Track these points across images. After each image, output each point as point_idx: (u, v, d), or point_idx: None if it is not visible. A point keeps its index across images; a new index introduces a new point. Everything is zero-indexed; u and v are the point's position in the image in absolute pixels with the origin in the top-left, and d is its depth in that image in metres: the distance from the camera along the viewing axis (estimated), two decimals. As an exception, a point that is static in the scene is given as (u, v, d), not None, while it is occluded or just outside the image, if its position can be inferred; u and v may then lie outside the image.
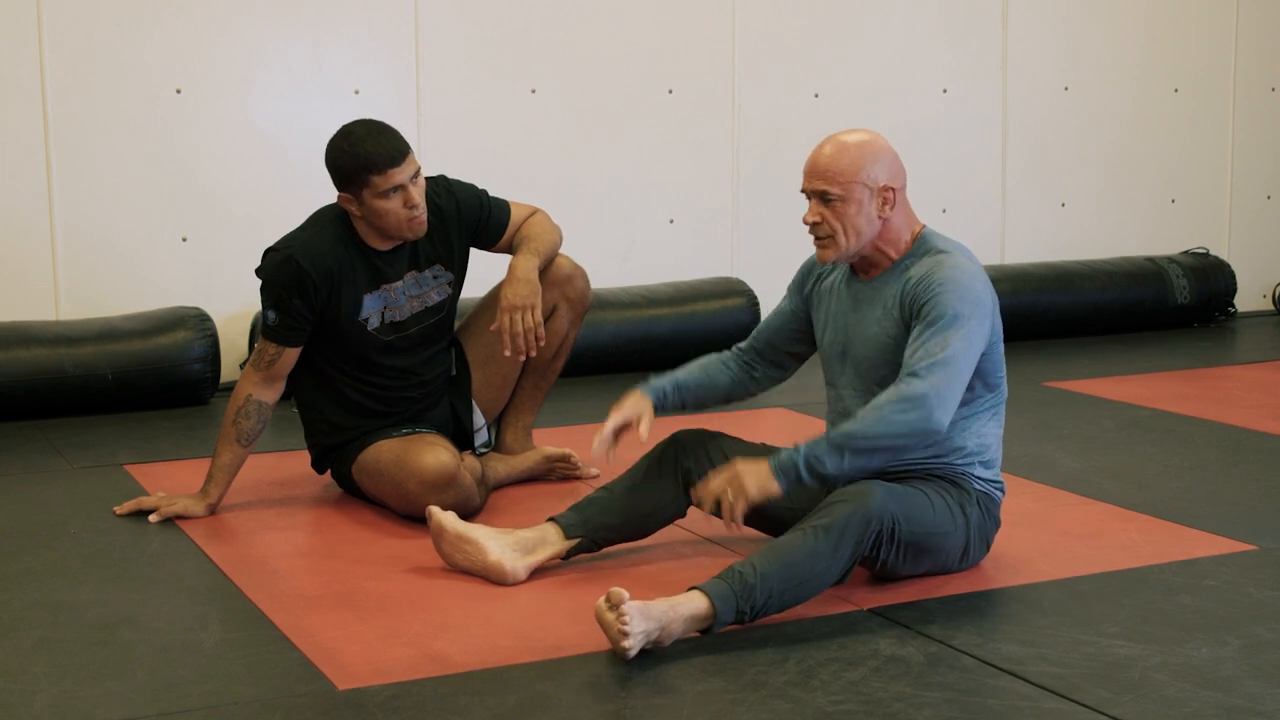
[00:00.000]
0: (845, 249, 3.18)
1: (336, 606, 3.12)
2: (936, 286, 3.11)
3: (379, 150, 3.59)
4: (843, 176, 3.13)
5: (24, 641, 2.92)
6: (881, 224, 3.18)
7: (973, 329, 3.09)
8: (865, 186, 3.14)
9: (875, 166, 3.15)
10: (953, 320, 3.07)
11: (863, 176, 3.14)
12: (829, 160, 3.15)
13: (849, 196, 3.14)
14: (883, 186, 3.16)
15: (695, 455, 3.35)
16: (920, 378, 3.02)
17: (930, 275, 3.13)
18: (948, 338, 3.05)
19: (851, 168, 3.14)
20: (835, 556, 2.94)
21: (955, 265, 3.15)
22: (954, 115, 6.41)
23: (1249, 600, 3.13)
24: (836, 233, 3.16)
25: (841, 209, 3.15)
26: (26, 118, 5.08)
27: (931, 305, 3.10)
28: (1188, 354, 6.10)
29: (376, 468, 3.73)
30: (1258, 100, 7.11)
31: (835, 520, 2.95)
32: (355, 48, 5.48)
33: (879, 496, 3.00)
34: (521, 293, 3.72)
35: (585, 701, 2.64)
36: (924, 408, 3.00)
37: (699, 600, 2.85)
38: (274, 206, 5.19)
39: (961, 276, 3.12)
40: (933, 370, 3.02)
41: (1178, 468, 4.24)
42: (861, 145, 3.17)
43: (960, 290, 3.10)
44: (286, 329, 3.69)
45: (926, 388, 3.01)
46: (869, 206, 3.15)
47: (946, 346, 3.05)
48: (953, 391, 3.04)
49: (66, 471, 4.24)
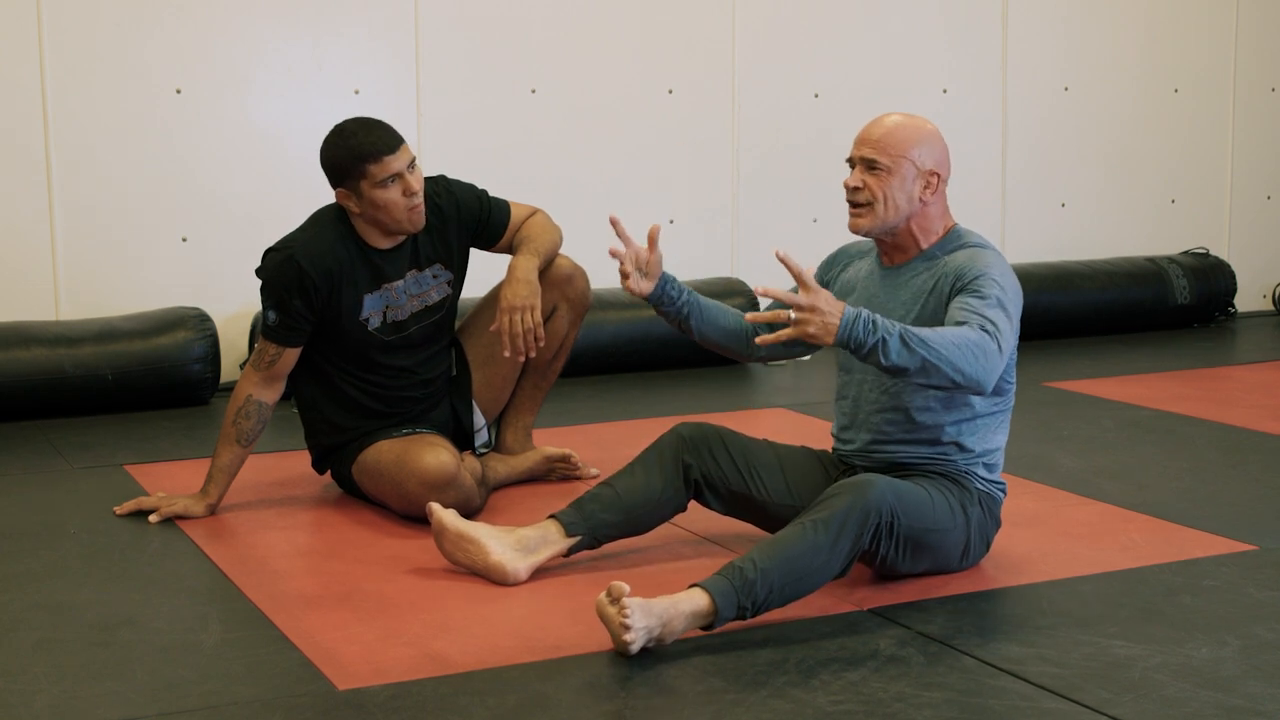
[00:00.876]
0: (880, 220, 3.21)
1: (336, 607, 3.12)
2: (983, 270, 3.12)
3: (373, 140, 3.60)
4: (894, 149, 3.19)
5: (24, 642, 2.92)
6: (921, 207, 3.22)
7: (1013, 317, 3.09)
8: (913, 164, 3.19)
9: (926, 149, 3.20)
10: (1001, 301, 3.06)
11: (912, 154, 3.19)
12: (884, 131, 3.21)
13: (895, 169, 3.19)
14: (929, 170, 3.21)
15: (697, 450, 3.35)
16: (993, 339, 2.97)
17: (974, 261, 3.15)
18: (997, 314, 3.03)
19: (904, 142, 3.19)
20: (835, 549, 2.94)
21: (998, 258, 3.19)
22: (954, 115, 6.40)
23: (1249, 600, 3.13)
24: (875, 201, 3.20)
25: (885, 179, 3.19)
26: (26, 117, 5.09)
27: (980, 281, 3.09)
28: (1188, 354, 6.10)
29: (377, 468, 3.73)
30: (1258, 100, 7.11)
31: (834, 513, 2.95)
32: (355, 48, 5.48)
33: (878, 489, 3.00)
34: (521, 293, 3.72)
35: (585, 702, 2.64)
36: (988, 369, 2.95)
37: (700, 597, 2.85)
38: (274, 207, 5.19)
39: (1004, 269, 3.16)
40: (1001, 337, 2.98)
41: (1178, 468, 4.24)
42: (917, 126, 3.23)
43: (1006, 280, 3.13)
44: (287, 329, 3.69)
45: (997, 351, 2.96)
46: (912, 185, 3.20)
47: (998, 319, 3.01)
48: (1004, 362, 3.01)
49: (66, 472, 4.24)
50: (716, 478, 3.35)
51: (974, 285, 3.10)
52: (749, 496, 3.36)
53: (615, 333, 5.56)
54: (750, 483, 3.35)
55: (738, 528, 3.56)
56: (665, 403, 5.12)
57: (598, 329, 5.46)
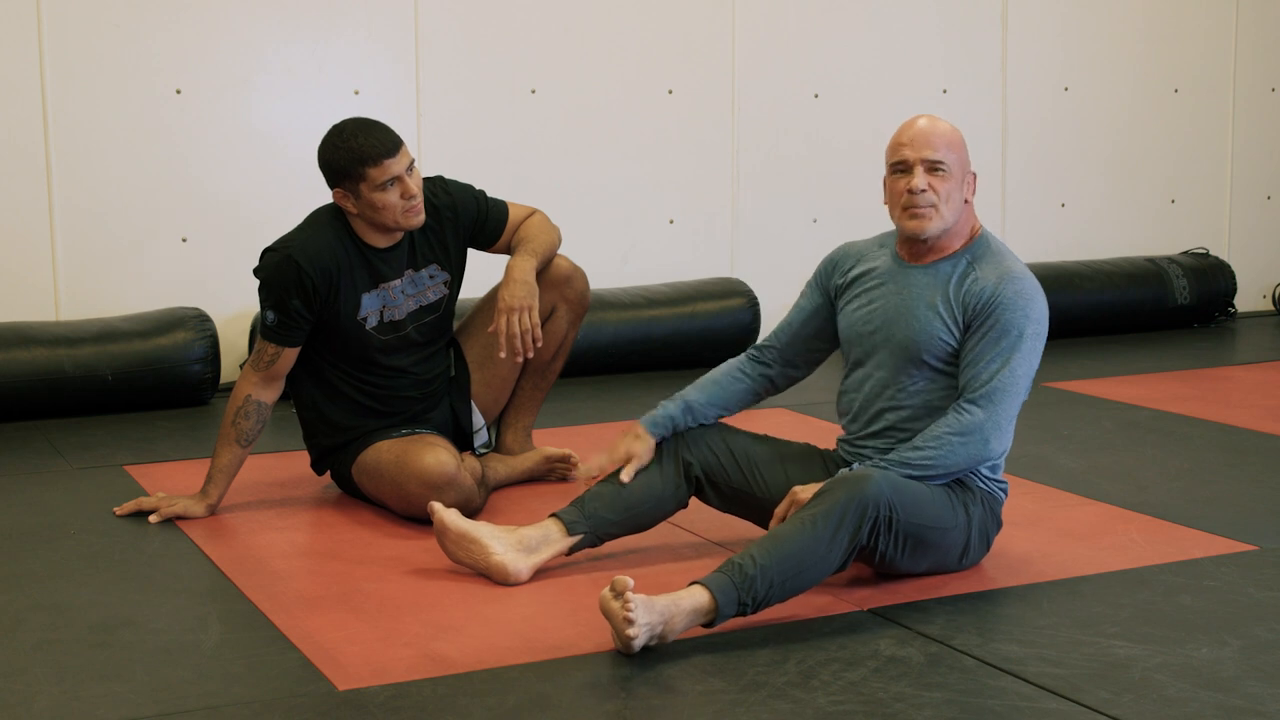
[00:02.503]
0: (945, 221, 3.24)
1: (336, 607, 3.12)
2: (1009, 300, 3.17)
3: (373, 143, 3.60)
4: (954, 151, 3.23)
5: (24, 642, 2.92)
6: (964, 208, 3.26)
7: (1035, 348, 3.19)
8: (964, 167, 3.26)
9: (966, 151, 3.27)
10: (1018, 340, 3.15)
11: (965, 156, 3.25)
12: (940, 134, 3.24)
13: (953, 172, 3.23)
14: (971, 172, 3.29)
15: (698, 447, 3.35)
16: (979, 407, 3.12)
17: (1003, 287, 3.18)
18: (1011, 359, 3.14)
19: (957, 144, 3.25)
20: (834, 543, 2.94)
21: (1027, 280, 3.21)
22: (954, 115, 6.34)
23: (1249, 600, 3.13)
24: (939, 203, 3.22)
25: (946, 180, 3.22)
26: (26, 118, 5.08)
27: (999, 318, 3.16)
28: (1188, 354, 6.10)
29: (376, 468, 3.73)
30: (1258, 100, 7.11)
31: (832, 507, 2.95)
32: (355, 49, 5.48)
33: (876, 483, 3.00)
34: (518, 294, 3.72)
35: (585, 702, 2.64)
36: (980, 439, 3.12)
37: (701, 594, 2.85)
38: (274, 207, 5.19)
39: (1031, 292, 3.20)
40: (990, 399, 3.12)
41: (1178, 468, 4.24)
42: (957, 129, 3.28)
43: (1030, 308, 3.17)
44: (285, 329, 3.69)
45: (983, 418, 3.12)
46: (963, 186, 3.26)
47: (1008, 369, 3.14)
48: (1009, 416, 3.16)
49: (66, 472, 4.24)
50: (717, 474, 3.36)
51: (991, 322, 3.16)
52: (749, 494, 3.37)
53: (615, 333, 5.56)
54: (751, 480, 3.36)
55: (738, 526, 3.56)
56: (665, 403, 5.11)
57: (598, 329, 5.46)
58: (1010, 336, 3.15)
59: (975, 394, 3.13)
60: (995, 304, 3.16)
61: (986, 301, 3.17)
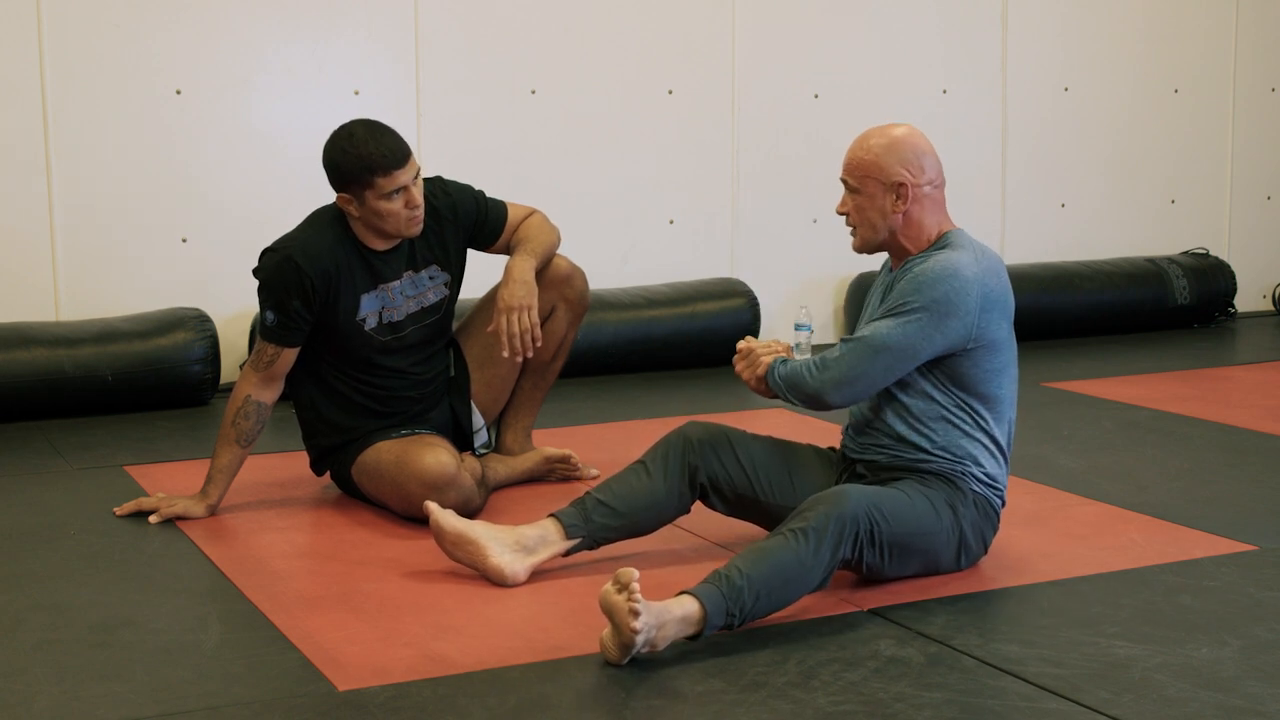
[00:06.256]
0: (865, 239, 3.31)
1: (336, 607, 3.12)
2: (915, 274, 3.19)
3: (383, 152, 3.58)
4: (859, 169, 3.26)
5: (24, 643, 2.92)
6: (900, 218, 3.24)
7: (925, 322, 3.14)
8: (877, 181, 3.23)
9: (891, 160, 3.22)
10: (904, 308, 3.16)
11: (877, 171, 3.23)
12: (852, 153, 3.29)
13: (862, 188, 3.25)
14: (896, 182, 3.22)
15: (704, 453, 3.34)
16: (837, 350, 3.19)
17: (916, 267, 3.21)
18: (891, 322, 3.16)
19: (868, 161, 3.24)
20: (816, 559, 2.94)
21: (946, 261, 3.18)
22: (954, 115, 6.41)
23: (1249, 601, 3.13)
24: (858, 224, 3.29)
25: (858, 200, 3.27)
26: (26, 118, 5.08)
27: (900, 291, 3.19)
28: (1188, 354, 6.10)
29: (376, 469, 3.73)
30: (1258, 100, 7.11)
31: (813, 524, 2.95)
32: (355, 49, 5.48)
33: (853, 500, 3.00)
34: (518, 294, 3.72)
35: (585, 703, 2.64)
36: (821, 381, 3.18)
37: (690, 603, 2.83)
38: (274, 208, 5.19)
39: (941, 272, 3.16)
40: (850, 345, 3.18)
41: (1178, 468, 4.24)
42: (884, 139, 3.25)
43: (932, 283, 3.15)
44: (285, 329, 3.69)
45: (834, 360, 3.18)
46: (883, 200, 3.24)
47: (885, 326, 3.16)
48: (860, 373, 3.17)
49: (66, 472, 4.24)
50: (723, 481, 3.35)
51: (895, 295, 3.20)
52: (754, 499, 3.36)
53: (615, 333, 5.56)
54: (756, 485, 3.35)
55: (739, 528, 3.55)
56: (665, 403, 5.11)
57: (598, 329, 5.46)
58: (900, 305, 3.16)
59: (847, 335, 3.16)
60: (906, 279, 3.20)
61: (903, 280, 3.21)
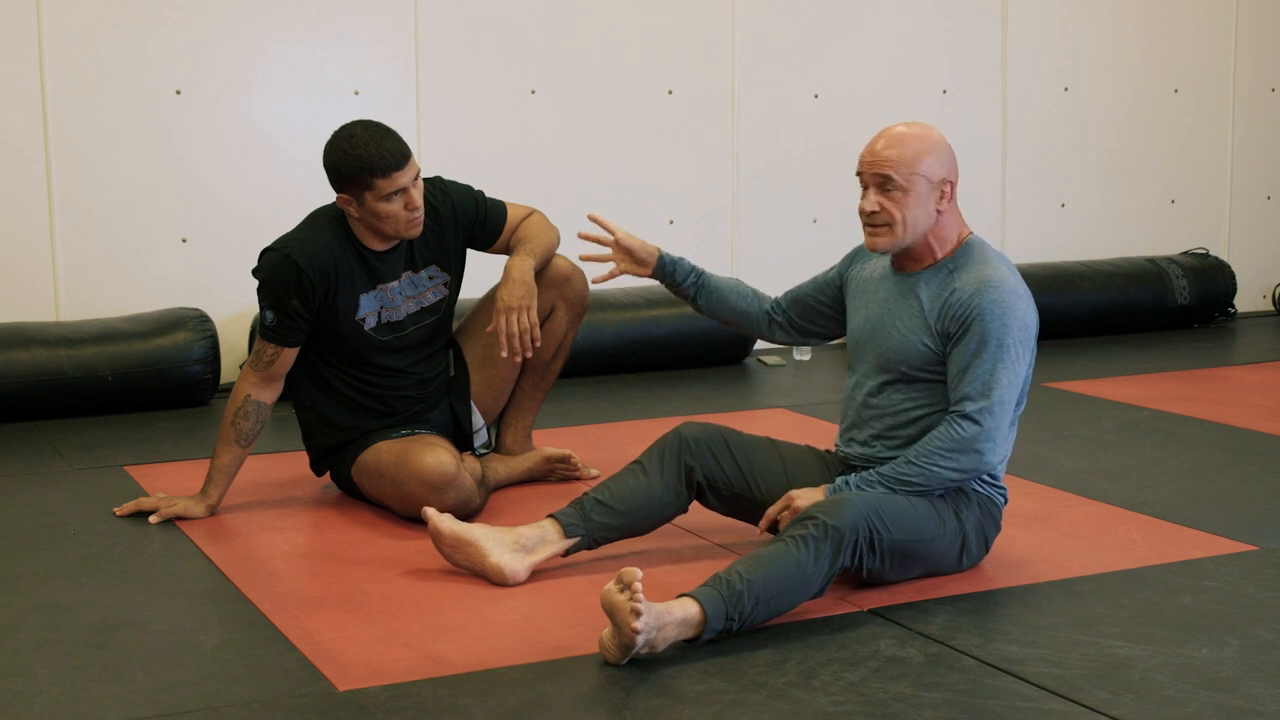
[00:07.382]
0: (899, 239, 3.19)
1: (336, 608, 3.12)
2: (986, 309, 3.12)
3: (383, 154, 3.58)
4: (906, 166, 3.15)
5: (24, 643, 2.92)
6: (937, 217, 3.20)
7: (1020, 357, 3.14)
8: (925, 178, 3.16)
9: (935, 158, 3.18)
10: (999, 349, 3.11)
11: (923, 168, 3.15)
12: (894, 147, 3.16)
13: (910, 187, 3.16)
14: (941, 179, 3.18)
15: (700, 452, 3.34)
16: (971, 421, 3.10)
17: (980, 296, 3.13)
18: (997, 370, 3.10)
19: (914, 158, 3.15)
20: (816, 567, 2.94)
21: (1006, 287, 3.14)
22: (954, 116, 6.41)
23: (1249, 601, 3.13)
24: (895, 222, 3.17)
25: (901, 199, 3.16)
26: (27, 118, 5.09)
27: (978, 329, 3.12)
28: (1188, 355, 6.10)
29: (377, 469, 3.73)
30: (1258, 100, 7.11)
31: (813, 532, 2.94)
32: (355, 49, 5.48)
33: (853, 509, 3.00)
34: (517, 294, 3.72)
35: (585, 703, 2.64)
36: (973, 453, 3.10)
37: (690, 606, 2.83)
38: (274, 208, 5.19)
39: (1012, 300, 3.13)
40: (984, 415, 3.10)
41: (1178, 468, 4.24)
42: (923, 136, 3.19)
43: (1008, 316, 3.12)
44: (284, 329, 3.69)
45: (975, 432, 3.10)
46: (927, 199, 3.17)
47: (997, 380, 3.10)
48: (1001, 427, 3.13)
49: (66, 473, 4.24)
50: (719, 480, 3.35)
51: (972, 331, 3.12)
52: (751, 499, 3.36)
53: (615, 333, 5.56)
54: (752, 485, 3.35)
55: (739, 528, 3.56)
56: (665, 403, 5.12)
57: (598, 329, 5.46)
58: (990, 347, 3.10)
59: (966, 407, 3.10)
60: (973, 314, 3.12)
61: (965, 312, 3.13)
